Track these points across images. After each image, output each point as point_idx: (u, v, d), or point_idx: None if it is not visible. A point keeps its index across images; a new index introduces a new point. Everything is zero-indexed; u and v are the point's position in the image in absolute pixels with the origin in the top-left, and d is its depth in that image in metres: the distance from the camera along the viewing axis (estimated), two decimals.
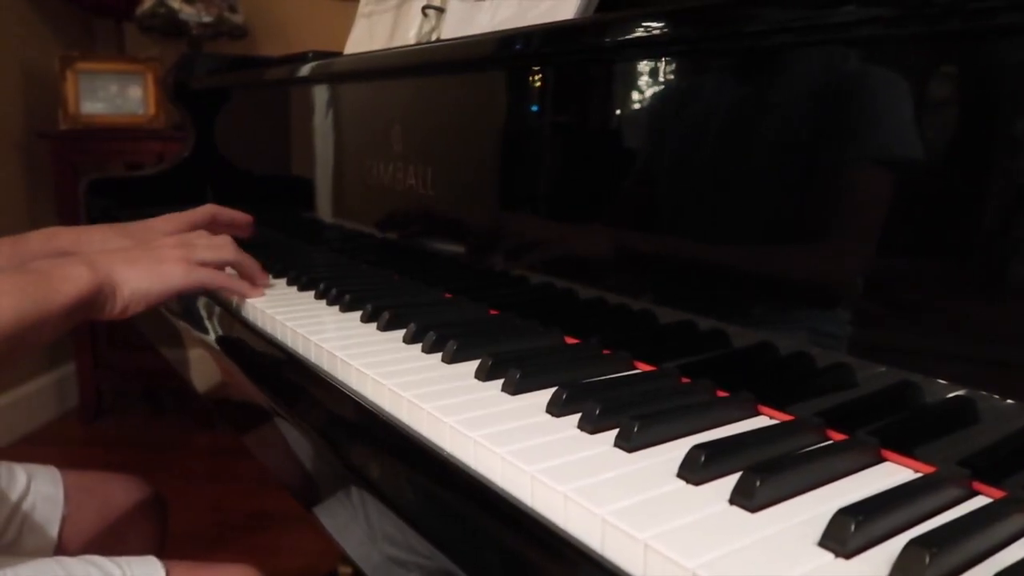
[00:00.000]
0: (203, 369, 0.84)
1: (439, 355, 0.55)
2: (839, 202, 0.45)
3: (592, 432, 0.42)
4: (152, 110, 2.21)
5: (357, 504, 0.48)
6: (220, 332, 0.73)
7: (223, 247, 0.73)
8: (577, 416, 0.43)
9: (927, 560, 0.29)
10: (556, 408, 0.45)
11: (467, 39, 0.70)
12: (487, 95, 0.71)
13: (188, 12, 2.16)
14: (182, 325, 0.79)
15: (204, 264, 0.70)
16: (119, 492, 0.84)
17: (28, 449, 2.07)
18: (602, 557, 0.33)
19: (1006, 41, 0.38)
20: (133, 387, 2.41)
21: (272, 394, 0.58)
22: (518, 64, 0.65)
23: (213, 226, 0.86)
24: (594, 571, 0.33)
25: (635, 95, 0.57)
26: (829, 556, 0.31)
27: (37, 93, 2.21)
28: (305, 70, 0.95)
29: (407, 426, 0.47)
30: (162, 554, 0.86)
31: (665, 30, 0.52)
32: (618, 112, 0.59)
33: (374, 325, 0.63)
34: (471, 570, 0.37)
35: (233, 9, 2.22)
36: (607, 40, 0.57)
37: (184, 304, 0.80)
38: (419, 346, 0.57)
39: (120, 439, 2.15)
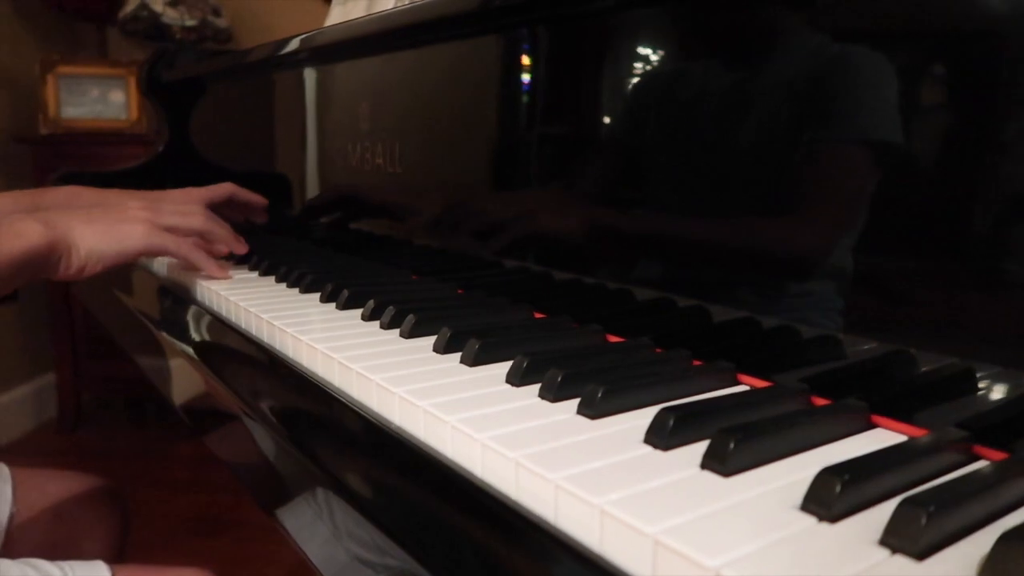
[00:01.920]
0: (162, 367, 0.80)
1: (397, 330, 0.51)
2: (820, 176, 0.42)
3: (554, 400, 0.38)
4: (134, 115, 2.18)
5: (322, 502, 0.44)
6: (169, 314, 0.69)
7: (193, 214, 0.70)
8: (538, 386, 0.40)
9: (923, 521, 0.25)
10: (516, 378, 0.41)
11: None
12: (456, 70, 0.68)
13: (171, 15, 2.14)
14: (130, 303, 0.75)
15: (171, 230, 0.67)
16: (74, 491, 0.80)
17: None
18: (555, 528, 0.29)
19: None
20: (115, 397, 2.36)
21: (216, 373, 0.54)
22: (497, 20, 0.61)
23: (230, 205, 0.84)
24: (548, 544, 0.29)
25: (613, 64, 0.54)
26: (812, 520, 0.27)
27: (18, 98, 2.17)
28: (280, 47, 0.91)
29: (356, 400, 0.43)
30: (122, 558, 0.82)
31: None
32: (592, 83, 0.56)
33: (333, 304, 0.59)
34: (417, 551, 0.33)
35: (217, 13, 2.20)
36: None
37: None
38: (377, 323, 0.53)
39: (99, 449, 2.09)
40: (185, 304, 0.70)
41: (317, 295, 0.62)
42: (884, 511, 0.27)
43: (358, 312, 0.56)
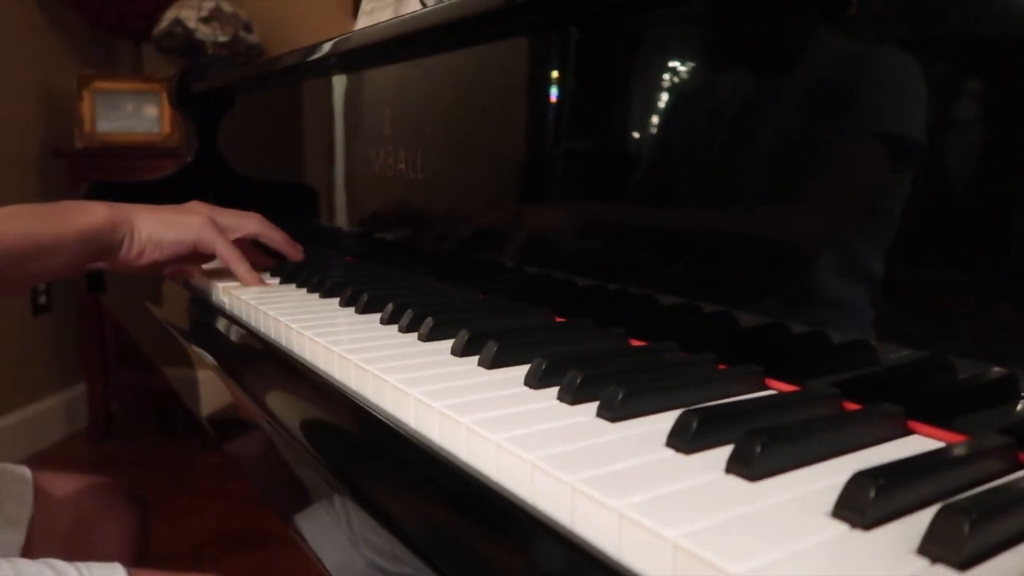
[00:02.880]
0: (187, 375, 0.80)
1: (415, 334, 0.50)
2: (853, 180, 0.41)
3: (572, 403, 0.37)
4: (167, 128, 2.22)
5: (338, 508, 0.43)
6: (193, 319, 0.69)
7: (249, 217, 0.75)
8: (557, 388, 0.38)
9: (966, 528, 0.23)
10: (534, 380, 0.40)
11: None
12: (478, 76, 0.67)
13: (204, 32, 2.17)
14: (159, 314, 0.76)
15: (227, 229, 0.71)
16: (96, 497, 0.80)
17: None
18: (572, 532, 0.28)
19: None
20: (144, 407, 2.38)
21: (235, 377, 0.54)
22: (523, 19, 0.60)
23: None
24: (564, 549, 0.28)
25: (638, 67, 0.53)
26: (844, 527, 0.25)
27: (55, 112, 2.22)
28: (308, 53, 0.91)
29: (372, 403, 0.42)
30: (143, 562, 0.82)
31: None
32: (617, 87, 0.55)
33: (352, 308, 0.59)
34: (429, 554, 0.32)
35: (248, 29, 2.23)
36: None
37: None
38: (396, 326, 0.53)
39: (128, 460, 2.11)
40: (209, 311, 0.69)
41: (336, 300, 0.62)
42: (922, 519, 0.25)
43: (377, 316, 0.55)
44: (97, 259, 0.66)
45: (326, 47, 0.82)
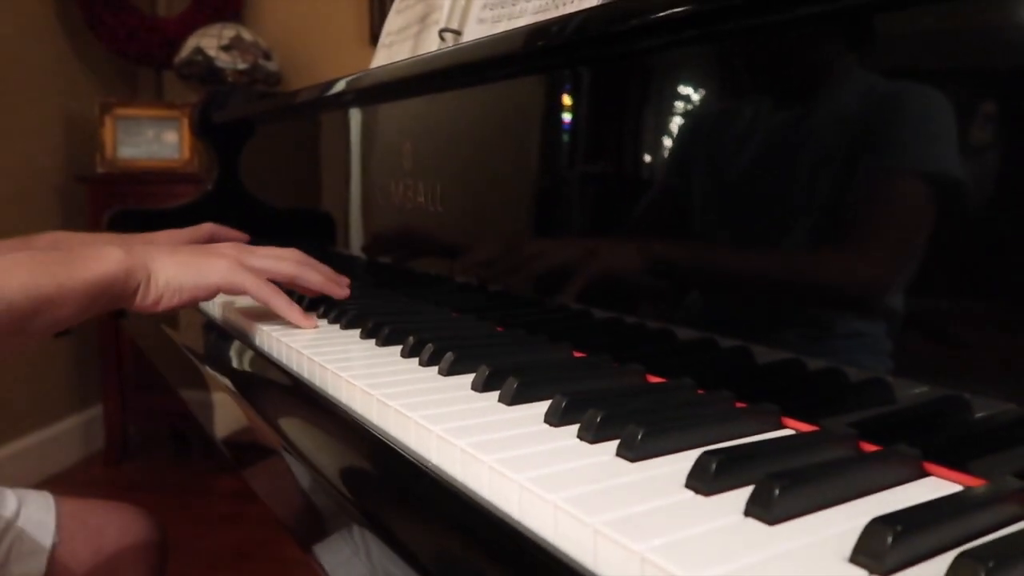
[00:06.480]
0: (205, 400, 0.81)
1: (436, 368, 0.51)
2: (870, 214, 0.41)
3: (593, 442, 0.38)
4: (187, 154, 2.25)
5: (358, 540, 0.44)
6: (213, 349, 0.70)
7: (283, 258, 0.67)
8: (577, 426, 0.39)
9: None
10: (555, 418, 0.40)
11: (496, 35, 0.66)
12: (497, 111, 0.69)
13: (224, 60, 2.22)
14: (176, 338, 0.77)
15: (259, 272, 0.65)
16: (116, 524, 0.81)
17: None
18: (594, 574, 0.28)
19: None
20: (160, 429, 2.40)
21: (256, 408, 0.55)
22: (538, 62, 0.62)
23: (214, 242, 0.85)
24: None
25: (654, 103, 0.54)
26: (862, 573, 0.26)
27: (78, 139, 2.27)
28: (326, 88, 0.93)
29: (394, 437, 0.43)
30: None
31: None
32: (633, 122, 0.56)
33: (372, 341, 0.60)
34: None
35: (268, 57, 2.27)
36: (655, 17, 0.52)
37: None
38: (416, 360, 0.53)
39: (143, 482, 2.12)
40: (228, 339, 0.71)
41: (357, 331, 0.63)
42: (940, 565, 0.26)
43: (398, 349, 0.56)
44: (109, 307, 0.60)
45: (342, 84, 0.84)
